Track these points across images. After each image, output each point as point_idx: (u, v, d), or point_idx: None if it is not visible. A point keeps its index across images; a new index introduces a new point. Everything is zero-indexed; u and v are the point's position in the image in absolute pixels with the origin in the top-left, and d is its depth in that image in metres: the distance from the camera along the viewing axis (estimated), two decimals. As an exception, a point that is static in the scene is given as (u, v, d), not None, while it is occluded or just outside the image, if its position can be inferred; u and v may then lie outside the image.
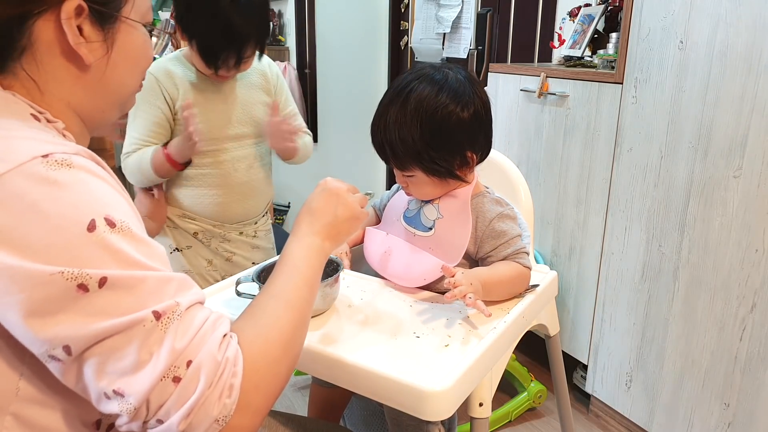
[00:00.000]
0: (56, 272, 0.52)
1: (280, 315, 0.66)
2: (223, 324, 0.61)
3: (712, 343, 1.47)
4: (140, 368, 0.55)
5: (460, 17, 2.72)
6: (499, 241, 1.03)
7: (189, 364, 0.56)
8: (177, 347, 0.56)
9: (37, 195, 0.53)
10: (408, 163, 1.01)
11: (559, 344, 1.28)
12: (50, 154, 0.55)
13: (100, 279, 0.53)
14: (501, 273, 1.00)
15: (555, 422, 1.89)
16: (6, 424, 0.57)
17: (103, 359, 0.54)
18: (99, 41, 0.64)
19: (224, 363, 0.58)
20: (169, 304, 0.57)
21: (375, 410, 1.22)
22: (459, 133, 0.99)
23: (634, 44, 1.57)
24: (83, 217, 0.54)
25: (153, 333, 0.55)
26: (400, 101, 0.99)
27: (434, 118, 0.97)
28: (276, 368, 0.63)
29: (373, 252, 1.12)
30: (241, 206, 1.52)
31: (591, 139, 1.75)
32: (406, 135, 0.98)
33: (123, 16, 0.66)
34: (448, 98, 0.97)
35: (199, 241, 1.51)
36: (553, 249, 1.95)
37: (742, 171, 1.36)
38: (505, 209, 1.07)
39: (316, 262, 0.76)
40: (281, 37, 3.45)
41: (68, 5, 0.61)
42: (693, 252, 1.49)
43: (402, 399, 0.79)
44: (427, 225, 1.07)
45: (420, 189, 1.06)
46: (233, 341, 0.61)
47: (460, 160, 1.02)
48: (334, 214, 0.80)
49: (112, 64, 0.67)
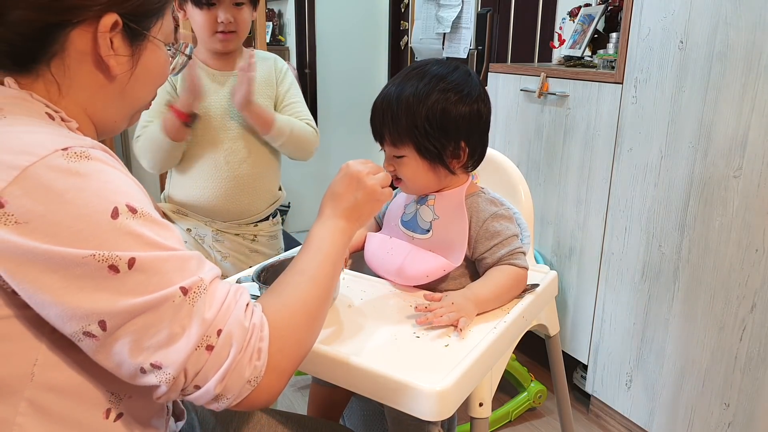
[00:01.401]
0: (88, 255, 0.55)
1: (304, 289, 0.70)
2: (244, 294, 0.65)
3: (712, 343, 1.47)
4: (175, 341, 0.58)
5: (460, 17, 2.72)
6: (493, 242, 1.03)
7: (219, 332, 0.60)
8: (207, 318, 0.60)
9: (62, 185, 0.55)
10: (404, 136, 1.00)
11: (559, 344, 1.28)
12: (69, 147, 0.58)
13: (129, 260, 0.57)
14: (495, 283, 1.00)
15: (555, 422, 1.89)
16: (21, 409, 0.60)
17: (138, 336, 0.58)
18: (127, 56, 0.69)
19: (251, 329, 0.62)
20: (194, 279, 0.60)
21: (375, 410, 1.22)
22: (460, 118, 1.00)
23: (634, 44, 1.57)
24: (107, 204, 0.57)
25: (183, 307, 0.59)
26: (416, 75, 1.01)
27: (445, 94, 0.99)
28: (299, 335, 0.67)
29: (373, 254, 1.12)
30: (233, 202, 1.47)
31: (591, 139, 1.75)
32: (413, 104, 0.98)
33: (152, 35, 0.71)
34: (460, 82, 1.00)
35: (192, 238, 1.50)
36: (553, 249, 1.95)
37: (742, 171, 1.36)
38: (500, 209, 1.06)
39: (339, 242, 0.79)
40: (281, 37, 3.45)
41: (107, 20, 0.65)
42: (693, 252, 1.49)
43: (402, 399, 0.79)
44: (424, 227, 1.07)
45: (408, 173, 1.04)
46: (257, 309, 0.65)
47: (453, 147, 1.01)
48: (355, 197, 0.83)
49: (134, 78, 0.71)
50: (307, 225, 3.29)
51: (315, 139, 1.52)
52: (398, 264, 1.06)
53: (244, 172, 1.47)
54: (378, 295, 1.04)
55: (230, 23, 1.38)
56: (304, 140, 1.49)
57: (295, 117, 1.50)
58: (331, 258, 0.76)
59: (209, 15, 1.36)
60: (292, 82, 1.55)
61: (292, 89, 1.54)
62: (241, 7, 1.39)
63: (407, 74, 1.03)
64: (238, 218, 1.51)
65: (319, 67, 3.37)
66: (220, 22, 1.37)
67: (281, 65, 1.54)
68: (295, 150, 1.50)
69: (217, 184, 1.45)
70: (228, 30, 1.38)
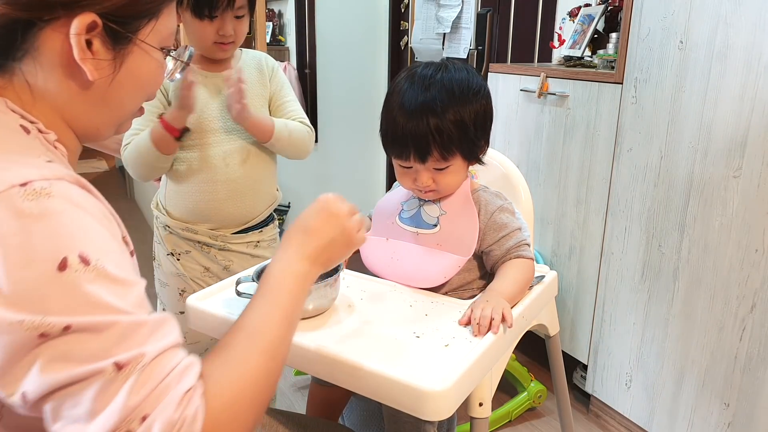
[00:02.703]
0: (15, 322, 0.50)
1: (255, 361, 0.62)
2: (191, 374, 0.57)
3: (711, 343, 1.47)
4: (93, 417, 0.52)
5: (460, 17, 2.72)
6: (501, 233, 1.05)
7: (144, 419, 0.53)
8: (132, 402, 0.53)
9: (8, 228, 0.50)
10: (455, 146, 0.99)
11: (559, 344, 1.28)
12: (29, 182, 0.52)
13: (64, 327, 0.51)
14: (513, 278, 1.01)
15: (555, 422, 1.89)
16: None
17: (59, 403, 0.52)
18: (107, 59, 0.62)
19: (181, 422, 0.54)
20: (134, 354, 0.54)
21: (374, 410, 1.22)
22: (490, 113, 1.04)
23: (634, 44, 1.57)
24: (55, 254, 0.51)
25: (112, 384, 0.52)
26: (436, 87, 0.98)
27: (478, 96, 1.01)
28: (241, 421, 0.60)
29: (376, 260, 1.11)
30: (236, 205, 1.46)
31: (591, 139, 1.75)
32: (458, 115, 0.98)
33: (139, 39, 0.64)
34: (467, 77, 1.02)
35: (198, 249, 1.49)
36: (553, 249, 1.95)
37: (741, 171, 1.36)
38: (505, 203, 1.09)
39: (300, 293, 0.72)
40: (281, 37, 3.45)
41: (81, 20, 0.58)
42: (693, 252, 1.49)
43: (402, 399, 0.79)
44: (431, 222, 1.07)
45: (450, 180, 1.04)
46: (196, 396, 0.56)
47: (485, 142, 1.06)
48: (331, 237, 0.76)
49: (117, 84, 0.64)
50: (307, 225, 3.30)
51: (311, 138, 1.51)
52: (410, 268, 1.07)
53: (244, 174, 1.45)
54: (378, 295, 1.04)
55: (231, 35, 1.36)
56: (302, 142, 1.49)
57: (290, 116, 1.49)
58: (289, 316, 0.68)
59: (210, 27, 1.34)
60: (283, 79, 1.53)
61: (285, 87, 1.52)
62: (242, 19, 1.37)
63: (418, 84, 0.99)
64: (242, 221, 1.49)
65: (319, 67, 3.36)
66: (221, 35, 1.35)
67: (271, 63, 1.52)
68: (293, 152, 1.50)
69: (219, 187, 1.43)
70: (228, 41, 1.37)
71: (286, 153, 1.50)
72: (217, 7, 1.32)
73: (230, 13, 1.34)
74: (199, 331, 1.01)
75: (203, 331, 1.00)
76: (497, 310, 0.90)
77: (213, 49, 1.38)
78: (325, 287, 0.94)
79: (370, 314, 0.97)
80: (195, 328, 1.01)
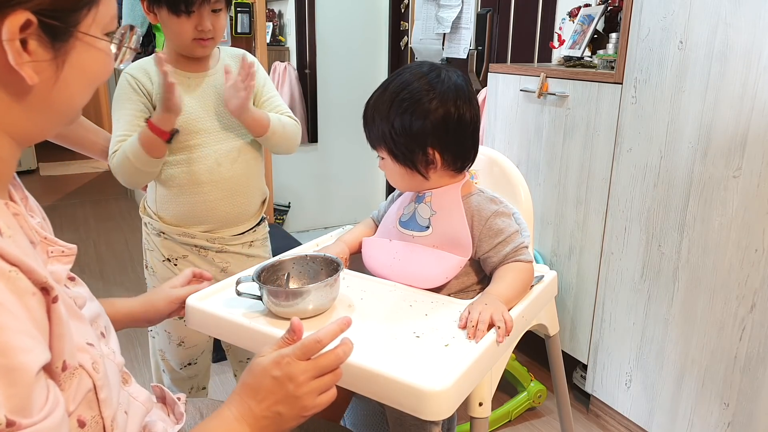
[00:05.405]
0: None
1: None
2: None
3: (711, 343, 1.47)
4: None
5: (460, 17, 2.72)
6: (497, 240, 1.04)
7: None
8: None
9: None
10: (376, 141, 1.08)
11: (559, 344, 1.28)
12: None
13: None
14: (510, 281, 1.01)
15: (555, 422, 1.89)
16: None
17: None
18: (47, 60, 0.55)
19: None
20: None
21: (376, 410, 1.23)
22: (423, 125, 1.02)
23: (633, 44, 1.57)
24: None
25: None
26: (384, 85, 1.07)
27: (402, 103, 1.02)
28: None
29: (378, 261, 1.11)
30: (230, 204, 1.45)
31: (591, 139, 1.75)
32: (379, 113, 1.05)
33: (81, 31, 0.57)
34: (422, 89, 1.02)
35: (195, 253, 1.47)
36: (553, 249, 1.95)
37: (741, 171, 1.36)
38: (500, 207, 1.08)
39: None
40: (281, 37, 3.45)
41: (13, 21, 0.51)
42: (692, 252, 1.49)
43: (402, 399, 0.79)
44: (423, 224, 1.08)
45: (387, 173, 1.11)
46: None
47: (422, 155, 1.04)
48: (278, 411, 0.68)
49: (62, 83, 0.57)
50: (308, 225, 3.30)
51: (300, 132, 1.53)
52: (412, 269, 1.07)
53: (236, 173, 1.44)
54: (378, 295, 1.04)
55: (209, 30, 1.34)
56: (294, 135, 1.50)
57: (277, 111, 1.48)
58: None
59: (187, 22, 1.32)
60: (265, 75, 1.53)
61: (267, 82, 1.52)
62: (219, 13, 1.35)
63: (388, 82, 1.07)
64: (237, 221, 1.49)
65: (319, 67, 3.37)
66: (200, 30, 1.33)
67: (251, 59, 1.52)
68: (285, 145, 1.50)
69: (211, 188, 1.42)
70: (207, 37, 1.35)
71: (279, 147, 1.49)
72: (193, 2, 1.30)
73: (207, 7, 1.32)
74: (199, 330, 1.01)
75: (203, 331, 1.01)
76: (493, 313, 0.90)
77: (192, 46, 1.36)
78: (325, 287, 0.94)
79: (370, 314, 0.97)
80: (195, 328, 1.01)
